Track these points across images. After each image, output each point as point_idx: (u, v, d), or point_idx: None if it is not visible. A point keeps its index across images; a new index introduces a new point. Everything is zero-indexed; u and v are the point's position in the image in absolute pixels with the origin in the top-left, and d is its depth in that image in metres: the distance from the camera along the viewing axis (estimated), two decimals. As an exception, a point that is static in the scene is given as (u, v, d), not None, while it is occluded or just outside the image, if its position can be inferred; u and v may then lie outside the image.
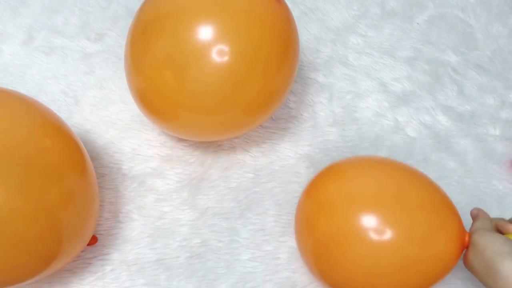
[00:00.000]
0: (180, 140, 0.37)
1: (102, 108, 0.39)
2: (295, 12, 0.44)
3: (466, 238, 0.30)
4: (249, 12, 0.29)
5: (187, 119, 0.31)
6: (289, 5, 0.44)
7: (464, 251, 0.31)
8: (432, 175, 0.34)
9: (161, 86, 0.29)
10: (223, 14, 0.28)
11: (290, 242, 0.35)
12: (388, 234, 0.29)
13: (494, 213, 0.34)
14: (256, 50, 0.29)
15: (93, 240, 0.32)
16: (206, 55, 0.27)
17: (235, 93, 0.29)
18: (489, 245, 0.27)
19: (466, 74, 0.41)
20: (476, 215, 0.31)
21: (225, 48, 0.27)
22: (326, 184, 0.33)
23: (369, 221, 0.30)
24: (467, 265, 0.29)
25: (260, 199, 0.36)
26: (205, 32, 0.28)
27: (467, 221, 0.31)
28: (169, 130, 0.34)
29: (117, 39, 0.42)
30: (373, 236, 0.29)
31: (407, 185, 0.32)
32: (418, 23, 0.44)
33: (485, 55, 0.42)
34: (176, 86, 0.29)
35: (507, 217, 0.30)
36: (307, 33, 0.43)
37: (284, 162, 0.37)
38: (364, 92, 0.40)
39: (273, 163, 0.37)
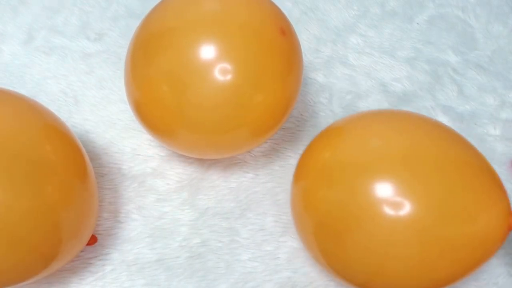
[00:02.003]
0: (180, 140, 0.37)
1: (102, 108, 0.39)
2: (295, 12, 0.44)
3: None
4: (254, 31, 0.28)
5: (187, 137, 0.30)
6: (289, 5, 0.45)
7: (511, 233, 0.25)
8: (432, 175, 0.34)
9: (161, 103, 0.28)
10: (227, 33, 0.27)
11: (290, 242, 0.35)
12: (406, 208, 0.22)
13: (494, 213, 0.34)
14: (260, 69, 0.28)
15: (93, 240, 0.32)
16: (208, 73, 0.27)
17: (236, 113, 0.28)
18: None
19: (466, 74, 0.41)
20: None
21: (228, 66, 0.27)
22: (322, 151, 0.27)
23: (381, 191, 0.23)
24: None
25: (260, 199, 0.36)
26: (208, 50, 0.27)
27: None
28: (169, 147, 0.34)
29: (117, 39, 0.42)
30: (388, 210, 0.23)
31: (435, 143, 0.25)
32: (418, 23, 0.44)
33: (485, 55, 0.42)
34: (177, 104, 0.28)
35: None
36: (307, 33, 0.43)
37: (284, 162, 0.37)
38: (364, 92, 0.40)
39: (273, 163, 0.37)
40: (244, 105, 0.28)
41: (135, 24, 0.32)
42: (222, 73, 0.27)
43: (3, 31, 0.42)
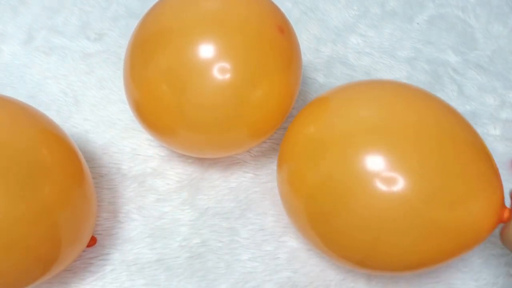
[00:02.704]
0: (180, 140, 0.37)
1: (102, 108, 0.39)
2: (295, 12, 0.44)
3: (506, 214, 0.24)
4: (253, 30, 0.28)
5: (186, 136, 0.30)
6: (289, 5, 0.45)
7: (500, 225, 0.25)
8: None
9: (160, 102, 0.28)
10: (226, 32, 0.27)
11: (290, 242, 0.35)
12: (398, 184, 0.22)
13: (494, 213, 0.34)
14: (259, 68, 0.28)
15: (92, 242, 0.32)
16: (207, 72, 0.27)
17: (236, 112, 0.28)
18: None
19: (466, 74, 0.41)
20: None
21: (226, 65, 0.27)
22: (305, 126, 0.26)
23: (372, 165, 0.22)
24: (506, 242, 0.25)
25: (260, 199, 0.36)
26: (207, 49, 0.27)
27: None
28: (169, 146, 0.34)
29: (117, 39, 0.42)
30: (379, 185, 0.22)
31: (433, 115, 0.24)
32: (418, 23, 0.44)
33: (485, 55, 0.42)
34: (176, 103, 0.28)
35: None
36: (307, 33, 0.43)
37: (284, 162, 0.37)
38: (364, 92, 0.40)
39: (273, 163, 0.37)
40: (243, 104, 0.28)
41: (135, 24, 0.32)
42: (221, 72, 0.27)
43: (3, 31, 0.42)
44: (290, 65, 0.30)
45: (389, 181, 0.22)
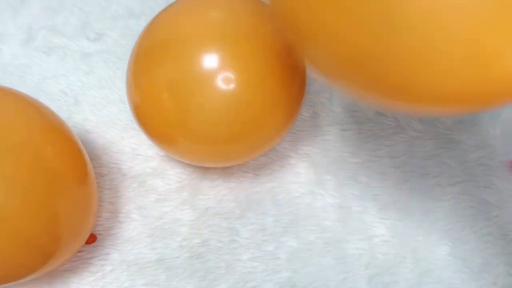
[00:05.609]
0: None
1: (102, 108, 0.39)
2: (295, 12, 0.44)
3: None
4: (256, 40, 0.28)
5: (187, 147, 0.30)
6: (289, 5, 0.44)
7: None
8: (432, 175, 0.34)
9: (163, 112, 0.28)
10: (229, 42, 0.27)
11: (290, 242, 0.35)
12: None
13: (493, 213, 0.34)
14: (264, 80, 0.27)
15: (92, 239, 0.32)
16: (210, 83, 0.27)
17: (240, 125, 0.28)
18: None
19: (466, 74, 0.41)
20: None
21: (230, 75, 0.27)
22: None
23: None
24: None
25: (260, 199, 0.36)
26: (212, 60, 0.27)
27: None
28: (171, 155, 0.33)
29: (117, 39, 0.42)
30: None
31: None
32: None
33: (485, 55, 0.42)
34: (179, 113, 0.28)
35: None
36: (307, 33, 0.43)
37: (284, 162, 0.37)
38: (364, 92, 0.40)
39: (273, 163, 0.37)
40: (247, 116, 0.28)
41: (135, 24, 0.32)
42: (226, 83, 0.27)
43: (3, 31, 0.42)
44: (295, 77, 0.30)
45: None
